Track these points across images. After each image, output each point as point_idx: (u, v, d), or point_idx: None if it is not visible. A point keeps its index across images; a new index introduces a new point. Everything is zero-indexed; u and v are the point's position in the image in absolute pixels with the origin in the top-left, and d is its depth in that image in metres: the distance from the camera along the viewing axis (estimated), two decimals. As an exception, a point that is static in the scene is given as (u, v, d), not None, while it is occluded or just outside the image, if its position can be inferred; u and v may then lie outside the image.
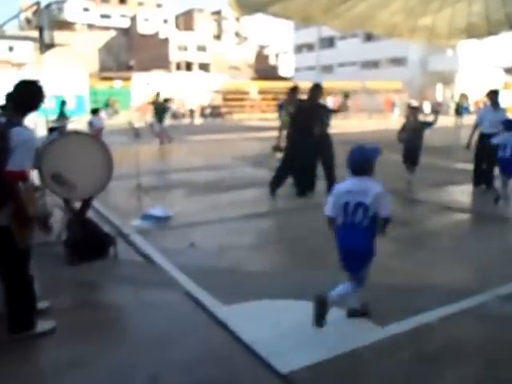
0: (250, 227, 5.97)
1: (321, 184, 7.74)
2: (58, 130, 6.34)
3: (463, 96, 43.18)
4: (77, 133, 5.31)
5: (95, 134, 10.26)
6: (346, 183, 3.25)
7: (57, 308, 3.55)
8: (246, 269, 4.49)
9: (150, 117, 15.95)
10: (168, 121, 24.87)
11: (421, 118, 9.33)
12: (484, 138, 7.74)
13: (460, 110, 28.87)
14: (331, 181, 7.81)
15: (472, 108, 42.33)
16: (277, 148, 10.30)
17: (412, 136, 8.18)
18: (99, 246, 4.78)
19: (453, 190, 8.44)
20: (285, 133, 8.65)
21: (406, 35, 15.48)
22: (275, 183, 7.58)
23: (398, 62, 51.08)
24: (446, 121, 25.57)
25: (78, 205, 4.99)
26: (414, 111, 8.72)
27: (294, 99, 9.03)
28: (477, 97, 46.86)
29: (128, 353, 3.04)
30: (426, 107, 39.26)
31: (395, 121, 25.92)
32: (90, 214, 5.27)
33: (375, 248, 3.21)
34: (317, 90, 7.60)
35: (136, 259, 4.79)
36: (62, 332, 3.22)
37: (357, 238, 3.15)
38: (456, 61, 47.23)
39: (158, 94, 16.05)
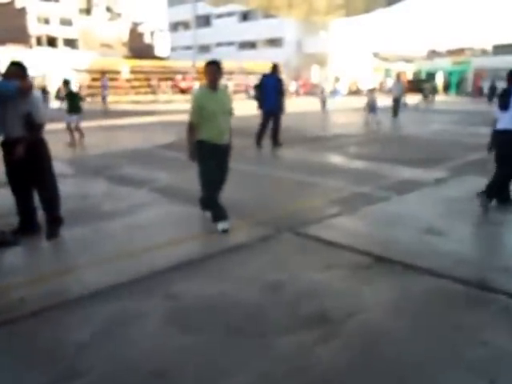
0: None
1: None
2: None
3: (336, 78, 43.68)
4: None
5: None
6: None
7: None
8: None
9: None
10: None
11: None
12: None
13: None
14: (51, 207, 5.19)
15: (345, 91, 43.09)
16: None
17: None
18: None
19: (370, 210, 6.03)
20: None
21: (283, 10, 13.27)
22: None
23: (274, 42, 50.48)
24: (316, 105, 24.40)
25: None
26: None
27: None
28: (350, 79, 47.91)
29: None
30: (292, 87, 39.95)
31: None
32: None
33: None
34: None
35: None
36: None
37: None
38: (329, 43, 47.49)
39: None
